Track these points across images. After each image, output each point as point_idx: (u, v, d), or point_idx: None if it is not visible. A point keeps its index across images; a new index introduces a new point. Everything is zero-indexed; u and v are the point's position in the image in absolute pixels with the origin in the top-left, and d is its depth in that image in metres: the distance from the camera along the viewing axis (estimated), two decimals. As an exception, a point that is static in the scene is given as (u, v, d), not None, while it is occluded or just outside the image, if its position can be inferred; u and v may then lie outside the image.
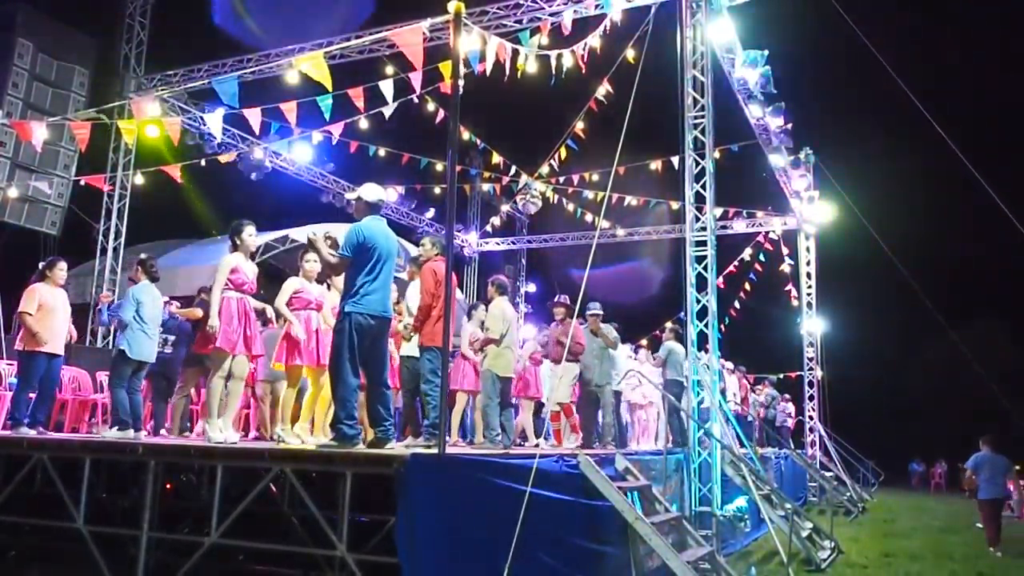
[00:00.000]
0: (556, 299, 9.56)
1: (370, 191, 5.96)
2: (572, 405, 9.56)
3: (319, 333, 6.78)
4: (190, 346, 7.74)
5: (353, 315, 5.51)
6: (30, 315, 7.16)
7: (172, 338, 8.38)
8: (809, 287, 17.97)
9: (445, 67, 8.37)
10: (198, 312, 7.88)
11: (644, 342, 14.81)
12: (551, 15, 10.69)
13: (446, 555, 4.58)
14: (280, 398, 7.62)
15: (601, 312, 9.54)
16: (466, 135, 14.37)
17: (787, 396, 18.99)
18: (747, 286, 18.58)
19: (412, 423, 7.56)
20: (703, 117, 9.26)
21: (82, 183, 11.75)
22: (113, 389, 7.26)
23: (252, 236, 6.56)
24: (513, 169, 15.61)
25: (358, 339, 5.50)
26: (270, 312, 7.08)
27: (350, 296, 5.58)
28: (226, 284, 6.32)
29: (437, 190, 16.42)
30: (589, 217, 17.78)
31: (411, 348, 7.24)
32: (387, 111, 9.48)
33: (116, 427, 7.06)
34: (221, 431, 6.24)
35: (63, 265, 7.50)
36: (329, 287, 7.15)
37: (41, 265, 7.60)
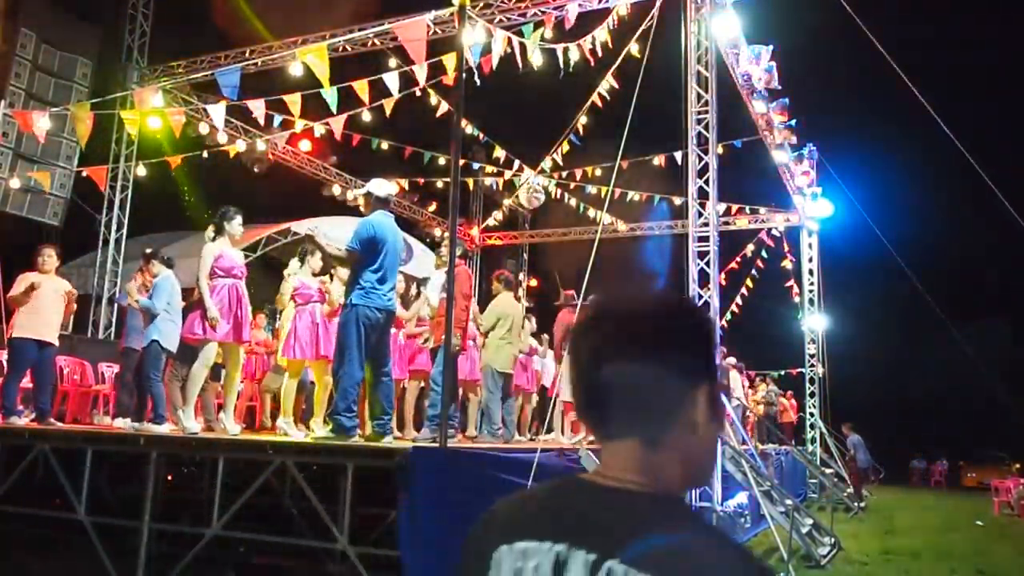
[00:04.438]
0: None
1: (379, 186, 5.96)
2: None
3: (321, 326, 6.79)
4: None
5: (360, 307, 5.51)
6: (14, 296, 7.10)
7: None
8: (811, 283, 17.93)
9: (449, 60, 8.35)
10: None
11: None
12: (555, 9, 10.65)
13: (447, 548, 4.58)
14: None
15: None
16: (469, 129, 14.33)
17: (789, 392, 19.00)
18: (749, 282, 18.56)
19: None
20: (706, 112, 9.22)
21: (84, 174, 11.74)
22: (154, 384, 6.91)
23: (240, 226, 6.49)
24: (516, 163, 15.57)
25: (365, 331, 5.51)
26: None
27: (357, 289, 5.57)
28: (214, 271, 6.25)
29: (440, 184, 16.39)
30: (592, 212, 17.77)
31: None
32: (388, 106, 9.45)
33: (156, 421, 6.84)
34: (226, 422, 6.24)
35: (48, 251, 7.37)
36: (332, 277, 7.16)
37: None
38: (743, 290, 18.52)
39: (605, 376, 1.05)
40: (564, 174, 15.96)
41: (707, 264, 9.01)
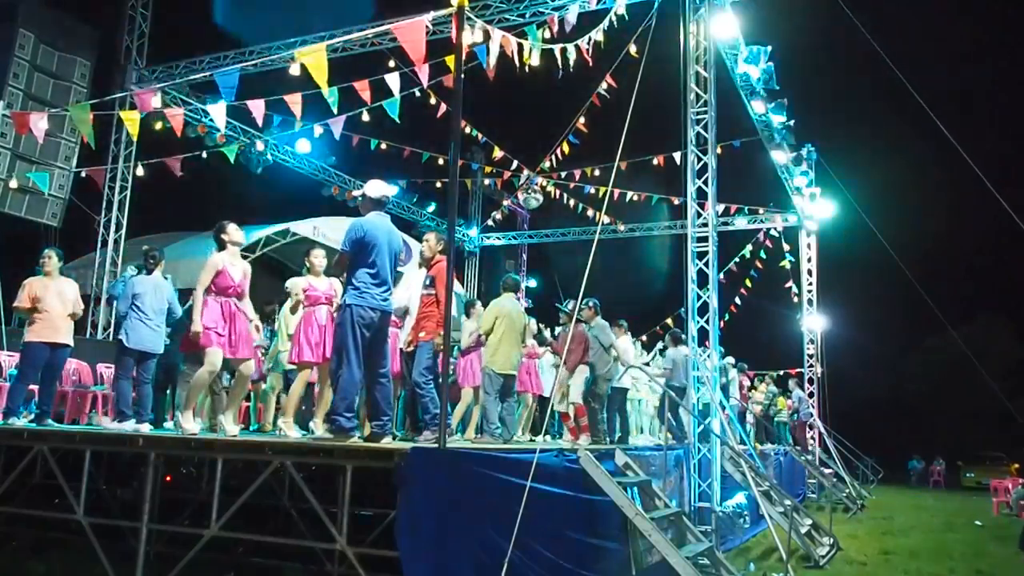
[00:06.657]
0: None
1: (373, 187, 5.97)
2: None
3: (327, 328, 6.78)
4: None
5: (355, 308, 5.52)
6: (18, 307, 7.18)
7: (168, 330, 8.36)
8: (810, 284, 17.96)
9: (450, 61, 8.34)
10: None
11: (643, 339, 14.81)
12: (554, 10, 10.66)
13: (446, 548, 4.58)
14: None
15: (584, 308, 9.20)
16: (468, 129, 14.34)
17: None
18: (748, 283, 18.59)
19: (412, 417, 7.55)
20: (705, 113, 9.24)
21: (83, 175, 11.74)
22: (117, 380, 7.24)
23: (235, 232, 6.45)
24: (515, 164, 15.58)
25: (360, 332, 5.51)
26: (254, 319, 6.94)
27: (352, 289, 5.59)
28: (211, 287, 6.19)
29: (439, 184, 16.41)
30: (591, 212, 17.78)
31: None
32: (392, 110, 9.43)
33: (117, 419, 7.05)
34: (225, 424, 6.23)
35: (49, 253, 7.43)
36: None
37: None
38: (742, 290, 18.56)
39: None
40: (563, 174, 15.98)
41: (706, 264, 9.01)
